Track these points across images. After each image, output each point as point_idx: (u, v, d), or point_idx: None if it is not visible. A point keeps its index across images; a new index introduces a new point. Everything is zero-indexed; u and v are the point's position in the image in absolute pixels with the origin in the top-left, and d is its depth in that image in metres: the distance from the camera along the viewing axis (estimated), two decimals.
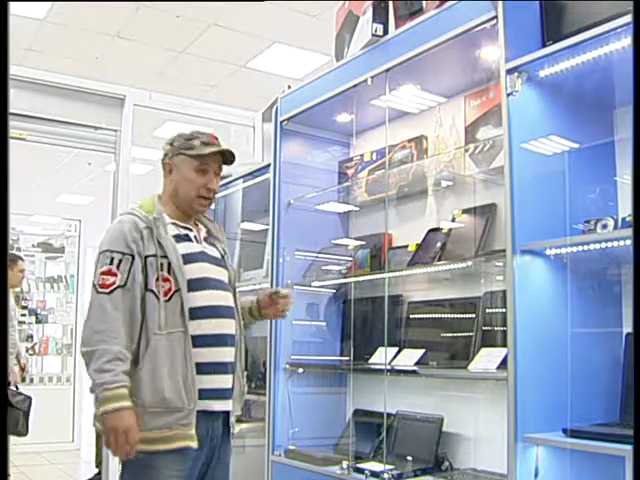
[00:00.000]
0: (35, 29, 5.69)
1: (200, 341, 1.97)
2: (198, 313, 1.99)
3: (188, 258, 2.02)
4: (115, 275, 1.94)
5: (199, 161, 2.07)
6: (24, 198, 9.04)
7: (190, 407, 1.91)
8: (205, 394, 1.96)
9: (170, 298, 1.95)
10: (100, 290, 1.93)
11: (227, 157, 2.13)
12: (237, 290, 2.29)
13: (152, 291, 1.95)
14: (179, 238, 2.06)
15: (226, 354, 2.04)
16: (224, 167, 2.16)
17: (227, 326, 2.06)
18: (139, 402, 1.89)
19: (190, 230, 2.11)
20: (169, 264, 1.97)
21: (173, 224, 2.08)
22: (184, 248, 2.04)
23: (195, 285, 2.00)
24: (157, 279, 1.95)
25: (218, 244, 2.19)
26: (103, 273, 1.94)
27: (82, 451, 6.76)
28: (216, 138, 2.14)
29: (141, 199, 2.17)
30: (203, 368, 1.97)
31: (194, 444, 1.91)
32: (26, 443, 5.64)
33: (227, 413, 2.06)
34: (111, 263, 1.95)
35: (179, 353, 1.92)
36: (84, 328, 1.94)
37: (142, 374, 1.90)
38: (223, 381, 2.03)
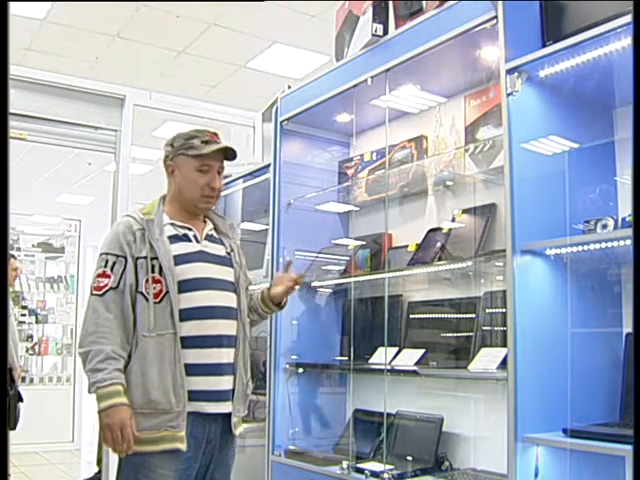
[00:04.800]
0: (35, 29, 5.69)
1: (192, 342, 1.97)
2: (190, 314, 1.98)
3: (183, 259, 2.01)
4: (109, 277, 1.97)
5: (200, 161, 2.06)
6: (24, 198, 9.04)
7: (178, 409, 1.91)
8: (197, 396, 1.95)
9: (161, 300, 1.96)
10: (94, 292, 1.98)
11: (229, 153, 2.11)
12: (249, 288, 2.26)
13: (142, 293, 1.97)
14: (176, 238, 2.05)
15: (222, 355, 2.02)
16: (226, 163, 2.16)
17: (224, 327, 2.03)
18: (129, 403, 1.91)
19: (189, 230, 2.09)
20: (160, 266, 1.97)
21: (172, 224, 2.08)
22: (180, 248, 2.03)
23: (189, 286, 1.99)
24: (147, 281, 1.96)
25: (226, 241, 2.16)
26: (98, 275, 1.99)
27: (82, 451, 6.76)
28: (216, 135, 2.12)
29: (142, 199, 2.18)
30: (195, 370, 1.96)
31: (183, 446, 1.90)
32: (26, 443, 5.65)
33: (227, 415, 2.03)
34: (105, 265, 1.99)
35: (168, 355, 1.92)
36: (81, 330, 1.98)
37: (131, 376, 1.93)
38: (218, 382, 2.00)
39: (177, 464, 1.91)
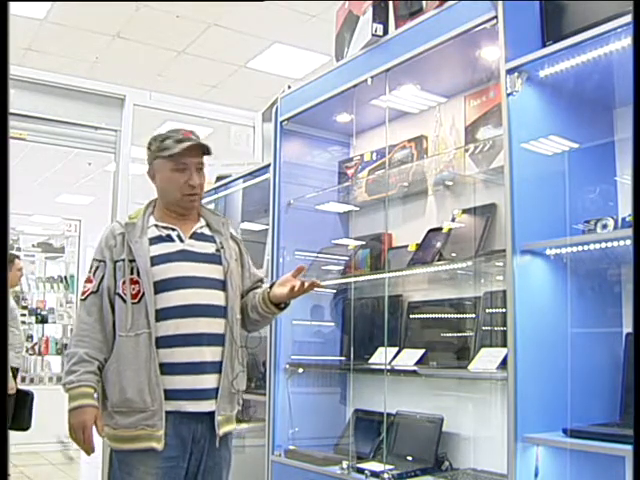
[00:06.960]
0: (35, 29, 5.69)
1: (170, 341, 1.98)
2: (168, 313, 1.99)
3: (163, 259, 2.03)
4: (91, 282, 2.06)
5: (175, 160, 2.07)
6: (24, 198, 9.05)
7: (154, 408, 1.92)
8: (176, 395, 1.96)
9: (139, 300, 1.99)
10: (80, 297, 2.08)
11: (204, 149, 2.10)
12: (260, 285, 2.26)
13: (119, 294, 2.01)
14: (159, 239, 2.07)
15: (203, 354, 2.00)
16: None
17: (205, 325, 2.02)
18: (108, 401, 1.98)
19: (173, 230, 2.10)
20: (138, 267, 2.00)
21: (156, 226, 2.10)
22: (161, 249, 2.05)
23: (166, 285, 2.01)
24: (124, 282, 2.01)
25: (218, 238, 2.16)
26: (85, 281, 2.09)
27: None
28: (192, 132, 2.11)
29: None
30: (173, 369, 1.97)
31: (159, 446, 1.91)
32: (26, 443, 5.65)
33: (213, 414, 2.01)
34: (90, 271, 2.08)
35: (143, 354, 1.95)
36: None
37: (109, 374, 1.98)
38: (199, 381, 1.99)
39: (159, 463, 1.92)
